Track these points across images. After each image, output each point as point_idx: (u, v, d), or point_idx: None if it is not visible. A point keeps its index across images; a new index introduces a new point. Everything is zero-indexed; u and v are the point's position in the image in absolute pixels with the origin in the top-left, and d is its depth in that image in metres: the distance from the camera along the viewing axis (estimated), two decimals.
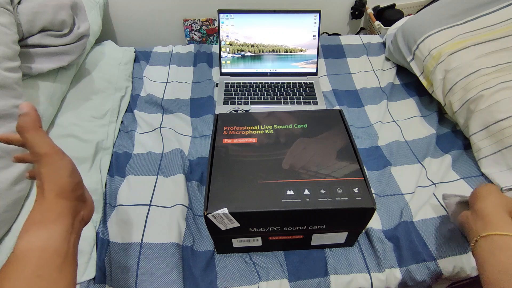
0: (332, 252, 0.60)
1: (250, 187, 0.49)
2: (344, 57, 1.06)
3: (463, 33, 0.80)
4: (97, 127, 0.76)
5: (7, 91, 0.54)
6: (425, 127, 0.83)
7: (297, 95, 0.92)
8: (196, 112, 0.88)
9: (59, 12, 0.70)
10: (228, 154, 0.55)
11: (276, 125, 0.60)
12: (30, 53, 0.68)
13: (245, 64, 0.98)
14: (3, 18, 0.59)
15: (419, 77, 0.86)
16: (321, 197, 0.48)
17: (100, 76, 0.87)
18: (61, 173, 0.37)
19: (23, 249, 0.33)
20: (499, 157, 0.66)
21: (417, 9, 1.31)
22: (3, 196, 0.51)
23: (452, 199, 0.60)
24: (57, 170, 0.37)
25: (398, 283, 0.58)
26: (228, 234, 0.52)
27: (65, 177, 0.37)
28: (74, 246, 0.37)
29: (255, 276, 0.57)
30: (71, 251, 0.36)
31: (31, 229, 0.35)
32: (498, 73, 0.71)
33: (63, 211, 0.36)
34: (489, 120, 0.67)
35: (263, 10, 0.92)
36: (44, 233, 0.34)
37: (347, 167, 0.52)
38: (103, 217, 0.64)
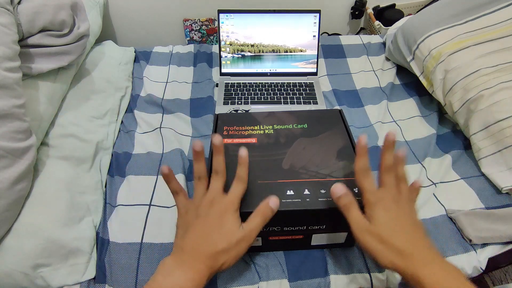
0: (332, 252, 0.60)
1: (250, 187, 0.49)
2: (344, 57, 1.06)
3: (463, 33, 0.80)
4: (97, 127, 0.76)
5: (7, 91, 0.54)
6: (425, 127, 0.83)
7: (297, 95, 0.92)
8: (196, 112, 0.88)
9: (59, 12, 0.70)
10: (228, 154, 0.55)
11: (276, 125, 0.60)
12: (30, 53, 0.68)
13: (245, 64, 0.98)
14: (3, 18, 0.59)
15: (419, 77, 0.86)
16: (321, 197, 0.48)
17: (100, 76, 0.87)
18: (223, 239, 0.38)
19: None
20: (499, 157, 0.66)
21: (417, 9, 1.31)
22: (4, 195, 0.51)
23: (457, 213, 0.61)
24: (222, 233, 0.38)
25: (398, 283, 0.58)
26: None
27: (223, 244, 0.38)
28: None
29: (255, 276, 0.57)
30: None
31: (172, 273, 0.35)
32: (498, 73, 0.71)
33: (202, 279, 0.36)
34: (489, 120, 0.67)
35: (263, 10, 0.92)
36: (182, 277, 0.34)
37: (347, 167, 0.52)
38: (103, 217, 0.65)
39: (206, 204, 0.40)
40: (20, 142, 0.55)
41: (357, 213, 0.40)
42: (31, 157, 0.56)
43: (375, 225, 0.38)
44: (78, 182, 0.64)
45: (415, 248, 0.37)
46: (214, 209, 0.40)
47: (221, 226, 0.38)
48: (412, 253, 0.36)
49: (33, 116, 0.63)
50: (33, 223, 0.55)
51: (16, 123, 0.55)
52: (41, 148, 0.65)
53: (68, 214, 0.58)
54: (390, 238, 0.37)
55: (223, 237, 0.38)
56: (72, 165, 0.66)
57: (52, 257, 0.54)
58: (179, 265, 0.37)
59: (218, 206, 0.40)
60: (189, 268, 0.36)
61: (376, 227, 0.38)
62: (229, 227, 0.38)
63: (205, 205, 0.40)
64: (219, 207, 0.40)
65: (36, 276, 0.53)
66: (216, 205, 0.40)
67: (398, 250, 0.36)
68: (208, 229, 0.38)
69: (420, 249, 0.37)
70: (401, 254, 0.36)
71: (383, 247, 0.37)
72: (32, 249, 0.53)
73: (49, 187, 0.60)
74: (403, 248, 0.36)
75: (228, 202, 0.40)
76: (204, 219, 0.39)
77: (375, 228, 0.38)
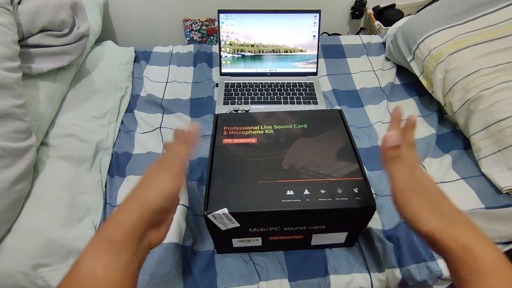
0: (332, 252, 0.60)
1: (250, 187, 0.49)
2: (344, 57, 1.06)
3: (463, 33, 0.80)
4: (97, 127, 0.76)
5: (7, 91, 0.54)
6: (425, 127, 0.83)
7: (297, 95, 0.92)
8: (196, 112, 0.88)
9: (59, 12, 0.70)
10: (228, 154, 0.55)
11: (276, 125, 0.60)
12: (30, 53, 0.68)
13: (245, 64, 0.98)
14: (3, 18, 0.59)
15: (419, 77, 0.86)
16: (321, 197, 0.48)
17: (100, 76, 0.87)
18: (156, 189, 0.34)
19: (86, 275, 0.30)
20: (499, 157, 0.66)
21: (417, 9, 1.31)
22: (3, 195, 0.51)
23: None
24: (156, 185, 0.34)
25: (398, 283, 0.59)
26: (228, 234, 0.52)
27: (158, 196, 0.34)
28: (134, 277, 0.33)
29: (255, 276, 0.57)
30: (129, 283, 0.32)
31: (98, 247, 0.31)
32: (498, 73, 0.71)
33: (134, 233, 0.33)
34: (489, 120, 0.67)
35: (263, 10, 0.92)
36: (107, 260, 0.31)
37: (347, 167, 0.52)
38: (103, 217, 0.65)
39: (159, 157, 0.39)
40: (20, 142, 0.55)
41: (405, 169, 0.36)
42: (31, 157, 0.56)
43: (424, 185, 0.35)
44: (78, 182, 0.64)
45: (460, 215, 0.34)
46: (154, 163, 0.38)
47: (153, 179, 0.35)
48: (459, 220, 0.33)
49: (33, 116, 0.63)
50: (33, 223, 0.55)
51: (16, 123, 0.55)
52: (41, 148, 0.65)
53: (68, 214, 0.58)
54: (440, 201, 0.34)
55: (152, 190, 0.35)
56: (72, 165, 0.66)
57: (52, 257, 0.54)
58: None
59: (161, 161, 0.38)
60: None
61: (425, 187, 0.35)
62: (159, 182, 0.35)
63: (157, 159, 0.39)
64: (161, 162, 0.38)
65: (36, 276, 0.53)
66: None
67: (446, 214, 0.33)
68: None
69: (464, 218, 0.34)
70: (448, 218, 0.33)
71: (430, 208, 0.33)
72: (32, 249, 0.53)
73: (49, 187, 0.60)
74: (451, 213, 0.33)
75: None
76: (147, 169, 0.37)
77: (424, 188, 0.35)
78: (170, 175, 0.35)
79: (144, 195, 0.33)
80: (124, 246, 0.32)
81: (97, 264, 0.30)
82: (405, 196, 0.35)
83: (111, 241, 0.31)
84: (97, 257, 0.31)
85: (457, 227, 0.32)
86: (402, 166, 0.36)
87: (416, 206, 0.34)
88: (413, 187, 0.35)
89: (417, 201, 0.34)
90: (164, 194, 0.34)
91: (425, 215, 0.33)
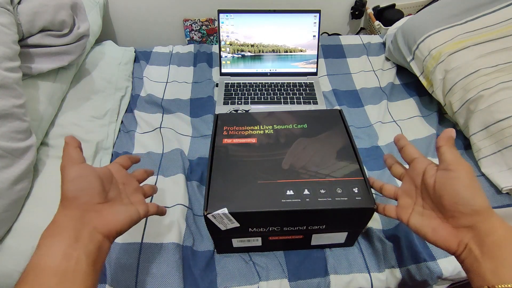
0: (332, 252, 0.60)
1: (250, 187, 0.49)
2: (344, 57, 1.06)
3: (463, 33, 0.80)
4: (97, 127, 0.76)
5: (7, 91, 0.54)
6: (425, 127, 0.83)
7: (297, 95, 0.92)
8: (196, 112, 0.88)
9: (59, 12, 0.70)
10: (228, 154, 0.55)
11: (276, 125, 0.60)
12: (30, 53, 0.68)
13: (245, 64, 0.98)
14: (3, 18, 0.59)
15: (419, 77, 0.86)
16: (321, 197, 0.48)
17: (100, 76, 0.87)
18: (62, 182, 0.36)
19: (33, 265, 0.32)
20: (499, 157, 0.66)
21: (417, 9, 1.31)
22: (3, 196, 0.51)
23: None
24: (61, 180, 0.37)
25: (398, 283, 0.59)
26: (228, 234, 0.52)
27: (65, 185, 0.36)
28: (79, 263, 0.33)
29: (255, 276, 0.57)
30: (73, 269, 0.33)
31: (40, 243, 0.34)
32: (498, 73, 0.71)
33: (65, 223, 0.34)
34: (489, 120, 0.67)
35: (263, 10, 0.92)
36: (43, 249, 0.33)
37: (347, 167, 0.52)
38: None
39: None
40: (20, 142, 0.55)
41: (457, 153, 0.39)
42: (31, 157, 0.56)
43: (467, 174, 0.38)
44: None
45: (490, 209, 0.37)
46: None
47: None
48: (489, 211, 0.36)
49: (33, 116, 0.63)
50: (33, 223, 0.55)
51: (16, 123, 0.55)
52: (41, 148, 0.65)
53: None
54: (478, 188, 0.37)
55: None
56: None
57: None
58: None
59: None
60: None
61: (469, 176, 0.37)
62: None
63: None
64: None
65: None
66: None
67: (481, 203, 0.36)
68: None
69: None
70: (483, 208, 0.36)
71: (480, 190, 0.37)
72: (32, 249, 0.52)
73: (49, 187, 0.60)
74: (486, 203, 0.36)
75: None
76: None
77: (468, 176, 0.37)
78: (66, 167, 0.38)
79: (61, 192, 0.37)
80: (59, 234, 0.34)
81: (35, 256, 0.33)
82: (473, 174, 0.37)
83: (47, 234, 0.34)
84: (38, 250, 0.33)
85: (490, 218, 0.36)
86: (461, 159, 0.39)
87: (478, 186, 0.37)
88: (470, 170, 0.38)
89: (477, 182, 0.37)
90: (67, 180, 0.37)
91: (483, 195, 0.36)
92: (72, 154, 0.40)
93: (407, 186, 0.44)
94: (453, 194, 0.36)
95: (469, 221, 0.36)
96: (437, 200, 0.39)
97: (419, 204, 0.42)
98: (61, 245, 0.33)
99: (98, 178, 0.39)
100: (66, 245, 0.33)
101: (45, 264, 0.32)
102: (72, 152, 0.40)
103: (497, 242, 0.34)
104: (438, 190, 0.38)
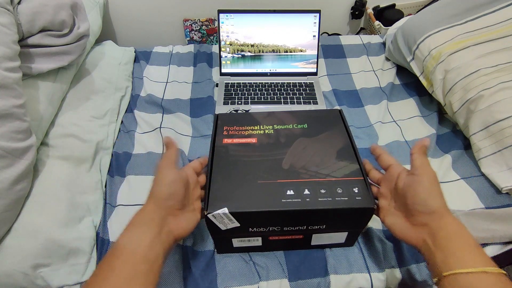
0: (332, 252, 0.60)
1: (250, 187, 0.49)
2: (344, 57, 1.07)
3: (463, 33, 0.80)
4: (97, 127, 0.76)
5: (7, 91, 0.54)
6: (425, 127, 0.83)
7: (297, 95, 0.92)
8: (196, 112, 0.88)
9: (59, 12, 0.70)
10: (228, 154, 0.55)
11: (276, 125, 0.60)
12: (30, 53, 0.68)
13: (245, 64, 0.98)
14: (3, 18, 0.59)
15: (419, 77, 0.86)
16: (321, 197, 0.48)
17: (100, 76, 0.87)
18: (159, 182, 0.42)
19: (121, 248, 0.37)
20: (499, 157, 0.66)
21: (417, 9, 1.31)
22: (3, 196, 0.51)
23: (457, 213, 0.61)
24: (158, 179, 0.42)
25: (398, 283, 0.59)
26: (228, 234, 0.52)
27: (161, 186, 0.42)
28: (159, 258, 0.38)
29: (255, 276, 0.57)
30: (156, 260, 0.38)
31: (129, 228, 0.39)
32: (498, 73, 0.71)
33: (154, 217, 0.40)
34: (489, 120, 0.67)
35: (263, 10, 0.92)
36: (136, 235, 0.38)
37: (347, 167, 0.52)
38: (103, 217, 0.65)
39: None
40: (20, 142, 0.55)
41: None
42: (31, 157, 0.56)
43: (429, 179, 0.43)
44: (78, 182, 0.64)
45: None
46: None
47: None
48: (443, 211, 0.42)
49: (33, 116, 0.63)
50: (33, 223, 0.55)
51: (16, 123, 0.55)
52: (41, 148, 0.65)
53: (68, 214, 0.58)
54: (436, 191, 0.42)
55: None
56: (72, 165, 0.66)
57: (52, 257, 0.54)
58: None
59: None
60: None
61: (430, 181, 0.43)
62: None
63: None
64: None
65: (36, 276, 0.53)
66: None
67: (436, 204, 0.41)
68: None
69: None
70: (438, 208, 0.41)
71: (438, 192, 0.42)
72: (32, 249, 0.53)
73: (49, 187, 0.60)
74: (440, 205, 0.42)
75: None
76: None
77: (430, 180, 0.42)
78: (166, 168, 0.44)
79: (153, 189, 0.42)
80: (146, 228, 0.38)
81: (127, 239, 0.37)
82: (436, 179, 0.43)
83: (136, 224, 0.39)
84: (126, 234, 0.38)
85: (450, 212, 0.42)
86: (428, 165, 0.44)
87: (436, 190, 0.42)
88: (437, 177, 0.43)
89: (439, 187, 0.43)
90: (164, 182, 0.42)
91: (440, 198, 0.42)
92: (173, 158, 0.46)
93: (383, 189, 0.49)
94: (414, 195, 0.42)
95: (425, 219, 0.41)
96: (403, 200, 0.44)
97: (391, 205, 0.47)
98: (148, 236, 0.38)
99: (184, 186, 0.44)
100: (152, 237, 0.38)
101: (134, 250, 0.36)
102: (173, 155, 0.46)
103: (447, 236, 0.39)
104: (404, 191, 0.43)
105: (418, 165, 0.43)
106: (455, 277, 0.36)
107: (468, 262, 0.36)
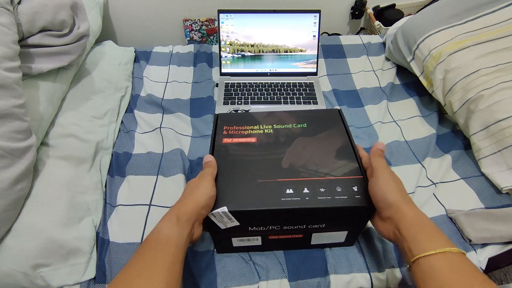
0: (332, 251, 0.60)
1: (250, 186, 0.49)
2: (344, 57, 1.07)
3: (463, 33, 0.80)
4: (97, 127, 0.76)
5: (7, 91, 0.54)
6: (425, 127, 0.83)
7: (297, 95, 0.92)
8: (196, 112, 0.88)
9: (59, 12, 0.70)
10: (228, 154, 0.55)
11: (275, 124, 0.60)
12: (30, 53, 0.68)
13: (245, 64, 0.98)
14: (3, 18, 0.59)
15: (419, 77, 0.86)
16: (320, 196, 0.48)
17: (100, 76, 0.87)
18: (202, 191, 0.46)
19: (165, 236, 0.42)
20: (499, 157, 0.66)
21: (417, 9, 1.31)
22: (3, 196, 0.51)
23: (457, 213, 0.61)
24: (201, 188, 0.46)
25: (398, 283, 0.58)
26: (227, 233, 0.52)
27: (203, 195, 0.46)
28: (184, 252, 0.43)
29: (255, 276, 0.57)
30: (185, 254, 0.43)
31: (171, 220, 0.43)
32: (498, 73, 0.71)
33: (191, 217, 0.44)
34: (489, 120, 0.67)
35: (263, 10, 0.92)
36: (178, 229, 0.42)
37: (346, 166, 0.52)
38: (103, 217, 0.65)
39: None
40: (20, 142, 0.55)
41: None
42: (31, 157, 0.56)
43: (383, 178, 0.47)
44: (78, 182, 0.64)
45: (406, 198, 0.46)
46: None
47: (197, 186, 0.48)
48: (400, 203, 0.45)
49: (33, 116, 0.63)
50: (33, 223, 0.55)
51: (16, 123, 0.55)
52: (41, 148, 0.65)
53: (68, 214, 0.58)
54: (399, 184, 0.47)
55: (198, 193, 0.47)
56: (72, 165, 0.66)
57: (52, 257, 0.54)
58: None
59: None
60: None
61: (385, 179, 0.47)
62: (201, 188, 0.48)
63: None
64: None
65: (36, 276, 0.53)
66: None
67: (392, 198, 0.45)
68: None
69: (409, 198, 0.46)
70: (394, 201, 0.44)
71: (393, 188, 0.45)
72: (32, 249, 0.53)
73: (49, 187, 0.60)
74: (397, 198, 0.45)
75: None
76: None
77: (384, 179, 0.46)
78: (209, 183, 0.47)
79: (195, 195, 0.46)
80: (185, 224, 0.43)
81: (172, 231, 0.42)
82: (391, 177, 0.47)
83: (179, 218, 0.43)
84: (171, 226, 0.43)
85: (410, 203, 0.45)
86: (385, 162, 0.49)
87: (392, 186, 0.46)
88: (393, 175, 0.48)
89: (395, 183, 0.46)
90: (207, 194, 0.46)
91: (396, 192, 0.45)
92: (214, 175, 0.50)
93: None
94: (374, 194, 0.46)
95: (388, 213, 0.45)
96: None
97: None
98: (186, 232, 0.43)
99: (214, 199, 0.48)
100: (187, 234, 0.43)
101: (181, 241, 0.42)
102: (215, 173, 0.50)
103: (407, 225, 0.42)
104: (370, 192, 0.47)
105: (375, 167, 0.47)
106: (418, 262, 0.39)
107: (428, 246, 0.39)
